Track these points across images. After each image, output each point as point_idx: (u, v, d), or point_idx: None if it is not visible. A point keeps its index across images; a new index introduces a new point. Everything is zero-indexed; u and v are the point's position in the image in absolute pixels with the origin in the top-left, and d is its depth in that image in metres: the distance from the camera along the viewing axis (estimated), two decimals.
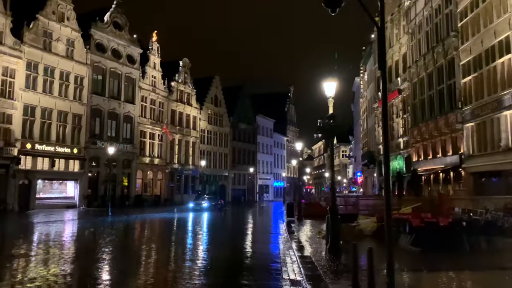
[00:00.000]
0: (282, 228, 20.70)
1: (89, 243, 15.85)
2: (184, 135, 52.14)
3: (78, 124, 37.13)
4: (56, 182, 36.22)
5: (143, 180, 44.82)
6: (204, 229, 21.97)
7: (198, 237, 17.68)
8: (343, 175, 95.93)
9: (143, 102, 44.93)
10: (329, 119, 11.18)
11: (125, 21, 42.29)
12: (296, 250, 12.19)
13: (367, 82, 45.61)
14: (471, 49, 21.81)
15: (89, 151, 37.66)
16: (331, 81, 11.68)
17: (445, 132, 24.78)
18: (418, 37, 28.75)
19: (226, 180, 61.30)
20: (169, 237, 17.61)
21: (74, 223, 24.24)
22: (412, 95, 29.88)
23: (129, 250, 13.97)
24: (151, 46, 46.34)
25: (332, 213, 11.44)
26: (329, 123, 11.13)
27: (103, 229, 20.63)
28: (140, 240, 17.09)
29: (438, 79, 25.72)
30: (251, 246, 14.77)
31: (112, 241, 15.94)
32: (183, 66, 52.28)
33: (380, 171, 37.45)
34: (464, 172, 22.79)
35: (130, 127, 42.96)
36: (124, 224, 23.97)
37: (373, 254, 7.34)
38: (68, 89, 36.13)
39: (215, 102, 59.36)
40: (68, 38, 36.15)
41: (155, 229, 22.30)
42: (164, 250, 13.80)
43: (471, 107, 21.95)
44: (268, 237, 17.94)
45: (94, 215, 29.68)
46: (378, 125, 37.79)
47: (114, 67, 40.83)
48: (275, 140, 77.95)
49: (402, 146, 31.79)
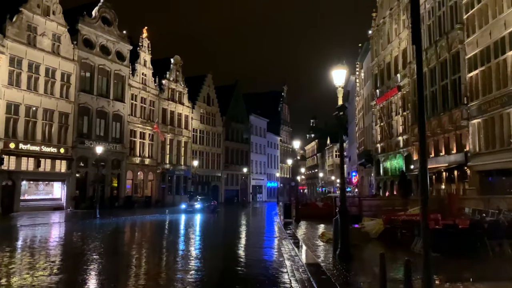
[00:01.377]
0: (281, 230, 19.48)
1: (72, 249, 14.49)
2: (176, 135, 50.73)
3: (65, 123, 35.61)
4: (42, 183, 34.66)
5: (133, 181, 43.35)
6: (197, 232, 20.69)
7: (191, 242, 16.31)
8: (337, 175, 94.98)
9: (133, 100, 43.47)
10: (339, 110, 10.00)
11: (114, 16, 40.83)
12: (301, 256, 10.98)
13: (363, 80, 44.58)
14: (478, 41, 20.78)
15: (77, 151, 36.16)
16: (340, 69, 10.48)
17: (449, 129, 23.74)
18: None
19: (219, 181, 59.96)
20: (159, 243, 16.19)
21: (60, 226, 22.86)
22: (412, 92, 28.83)
23: (115, 258, 12.54)
24: (141, 43, 44.90)
25: (341, 215, 10.25)
26: (338, 115, 9.94)
27: (89, 233, 19.28)
28: (128, 246, 15.72)
29: (441, 74, 24.70)
30: (250, 253, 13.37)
31: (96, 247, 14.56)
32: (175, 64, 50.88)
33: (378, 171, 36.42)
34: (469, 170, 21.75)
35: (119, 126, 41.48)
36: (112, 227, 22.60)
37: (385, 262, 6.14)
38: (54, 86, 34.60)
39: (208, 101, 57.99)
40: (54, 33, 34.63)
41: (145, 233, 20.95)
42: (153, 258, 12.43)
43: (477, 102, 20.92)
44: (267, 242, 16.64)
45: (82, 218, 28.30)
46: (376, 123, 36.75)
47: (103, 64, 39.35)
48: (269, 140, 76.75)
49: (402, 144, 30.75)
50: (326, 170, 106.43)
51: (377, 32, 36.44)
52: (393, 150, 32.48)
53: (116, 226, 23.30)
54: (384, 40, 34.85)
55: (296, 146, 27.25)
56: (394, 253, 12.40)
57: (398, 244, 13.89)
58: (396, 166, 32.16)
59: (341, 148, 10.61)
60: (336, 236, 11.23)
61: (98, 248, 14.18)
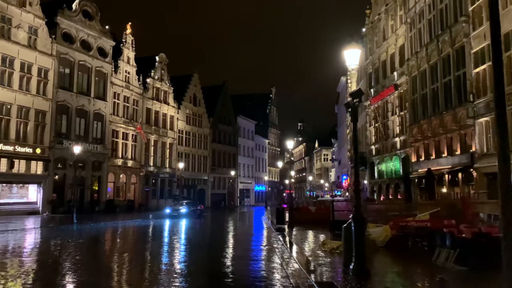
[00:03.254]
0: (275, 238, 17.70)
1: (36, 261, 12.51)
2: (161, 136, 48.68)
3: (42, 121, 33.43)
4: (16, 186, 32.36)
5: (115, 184, 41.19)
6: (182, 240, 18.76)
7: (175, 253, 14.14)
8: (325, 178, 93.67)
9: (116, 99, 41.38)
10: (355, 96, 8.33)
11: (96, 10, 38.77)
12: (308, 272, 9.23)
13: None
14: (486, 34, 19.36)
15: (54, 151, 33.95)
16: (354, 48, 8.81)
17: (452, 129, 22.29)
18: (419, 26, 26.33)
19: (206, 184, 57.95)
20: (139, 255, 14.04)
21: (32, 233, 20.75)
22: (411, 90, 27.43)
23: (84, 273, 10.54)
24: (124, 39, 42.88)
25: (357, 223, 8.54)
26: (353, 103, 8.27)
27: (62, 242, 17.26)
28: (102, 259, 13.70)
29: (443, 71, 23.27)
30: (244, 268, 11.28)
31: (64, 259, 12.60)
32: (160, 62, 48.93)
33: (372, 174, 34.93)
34: (476, 173, 20.29)
35: (101, 126, 39.35)
36: (88, 234, 20.59)
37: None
38: (30, 82, 32.42)
39: (194, 101, 56.05)
40: (31, 26, 32.47)
41: (124, 242, 18.84)
42: (130, 275, 10.28)
43: (485, 99, 19.47)
44: (262, 253, 14.69)
45: (59, 223, 26.27)
46: (370, 124, 35.28)
47: (83, 59, 37.23)
48: (257, 143, 75.05)
49: (399, 146, 29.29)
50: (314, 173, 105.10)
51: (372, 29, 35.06)
52: (389, 152, 31.03)
53: (93, 233, 21.28)
54: (379, 37, 33.47)
55: (289, 147, 25.39)
56: (412, 266, 10.75)
57: (411, 254, 12.25)
58: (392, 168, 30.71)
59: (355, 142, 8.92)
60: (347, 247, 9.52)
61: (66, 260, 12.21)
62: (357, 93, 8.35)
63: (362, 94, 8.44)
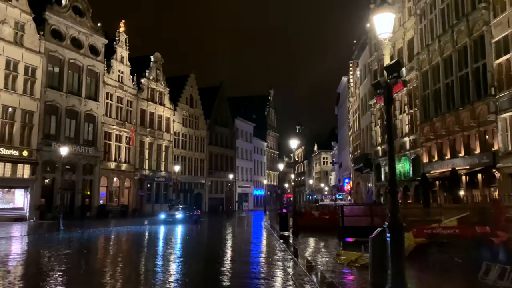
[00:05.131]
0: (280, 248, 15.81)
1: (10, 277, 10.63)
2: (156, 138, 46.79)
3: (29, 122, 31.53)
4: (1, 191, 30.37)
5: (108, 188, 39.22)
6: (175, 250, 16.86)
7: (165, 269, 11.86)
8: (325, 182, 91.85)
9: (108, 99, 39.50)
10: (391, 70, 6.55)
11: (87, 6, 36.95)
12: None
13: (359, 78, 41.47)
14: (510, 20, 17.67)
15: (43, 154, 32.03)
16: (387, 12, 7.04)
17: (470, 126, 20.54)
18: (430, 17, 24.62)
19: (203, 188, 55.99)
20: (122, 271, 11.89)
21: (13, 241, 18.83)
22: (421, 86, 25.71)
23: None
24: (118, 37, 41.04)
25: (394, 233, 6.72)
26: (390, 79, 6.49)
27: (43, 251, 15.39)
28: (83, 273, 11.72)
29: (458, 63, 21.55)
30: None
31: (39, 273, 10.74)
32: (155, 62, 47.11)
33: (378, 176, 33.15)
34: (498, 173, 18.52)
35: (92, 128, 37.44)
36: (72, 243, 18.67)
37: None
38: (17, 80, 30.55)
39: (191, 103, 54.20)
40: (17, 21, 30.62)
41: (108, 253, 16.36)
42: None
43: (509, 92, 17.73)
44: (268, 267, 12.46)
45: (46, 230, 24.54)
46: (375, 124, 33.52)
47: (74, 58, 35.38)
48: (255, 146, 73.16)
49: (409, 146, 27.53)
50: (313, 177, 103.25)
51: None
52: (397, 153, 29.17)
53: (78, 242, 19.34)
54: None
55: (293, 146, 23.58)
56: (454, 283, 8.92)
57: (445, 268, 10.41)
58: (401, 170, 28.93)
59: (389, 129, 7.15)
60: (377, 263, 7.73)
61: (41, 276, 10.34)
62: (393, 67, 6.60)
63: (400, 67, 6.67)
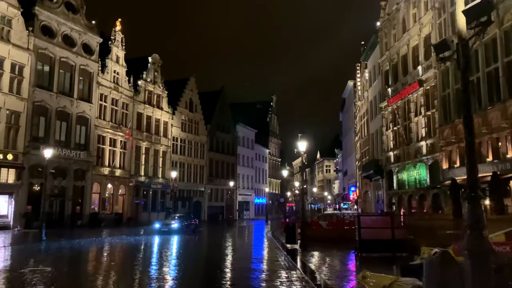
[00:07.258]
0: (290, 267, 13.43)
1: None
2: (153, 143, 44.58)
3: (15, 123, 29.46)
4: None
5: (100, 195, 36.95)
6: (165, 268, 14.53)
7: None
8: (328, 191, 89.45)
9: (103, 101, 37.37)
10: (477, 14, 4.32)
11: (80, 3, 35.00)
12: None
13: (368, 80, 39.32)
14: None
15: (30, 157, 29.85)
16: None
17: (500, 127, 18.30)
18: (451, 10, 22.50)
19: (202, 196, 53.63)
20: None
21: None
22: (440, 86, 23.53)
23: None
24: (113, 36, 39.01)
25: (477, 258, 4.46)
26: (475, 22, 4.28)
27: (16, 266, 13.11)
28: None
29: (486, 58, 19.38)
30: None
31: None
32: (153, 63, 45.08)
33: (390, 183, 30.84)
34: None
35: (85, 131, 35.29)
36: (50, 256, 16.41)
37: None
38: (2, 79, 28.51)
39: (190, 107, 52.06)
40: (3, 15, 28.66)
41: (85, 270, 13.87)
42: None
43: None
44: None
45: (30, 240, 22.76)
46: (387, 128, 31.28)
47: (66, 56, 33.33)
48: (257, 152, 70.92)
49: (425, 151, 25.25)
50: (316, 185, 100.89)
51: (388, 22, 31.31)
52: (412, 159, 27.01)
53: (56, 255, 17.10)
54: (398, 29, 29.70)
55: (301, 148, 21.30)
56: None
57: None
58: (417, 177, 26.67)
59: (468, 105, 4.98)
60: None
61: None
62: (487, 20, 4.36)
63: (490, 23, 4.46)
